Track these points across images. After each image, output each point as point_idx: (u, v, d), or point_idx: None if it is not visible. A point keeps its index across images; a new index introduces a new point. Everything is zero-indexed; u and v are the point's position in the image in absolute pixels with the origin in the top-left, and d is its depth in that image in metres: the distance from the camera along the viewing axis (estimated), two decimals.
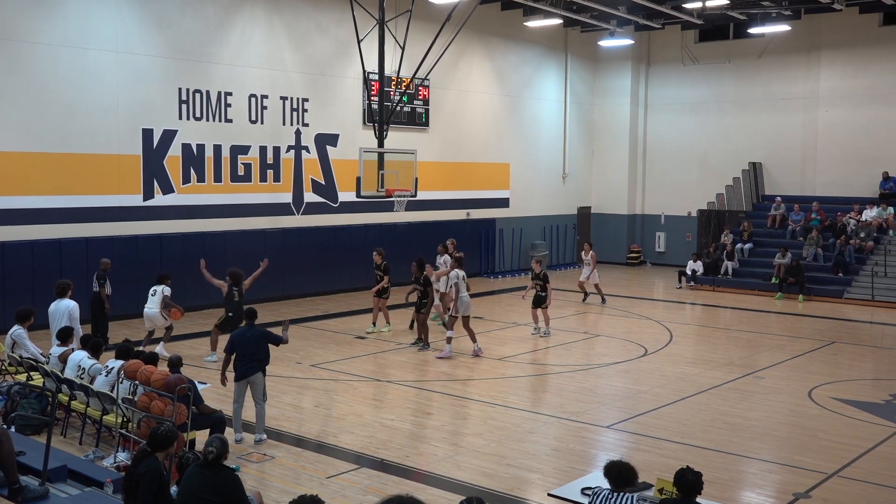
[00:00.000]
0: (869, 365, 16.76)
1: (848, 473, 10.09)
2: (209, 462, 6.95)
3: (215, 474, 6.91)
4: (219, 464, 6.96)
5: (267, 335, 11.09)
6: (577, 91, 31.85)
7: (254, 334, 10.98)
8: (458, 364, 15.56)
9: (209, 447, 7.02)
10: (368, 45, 20.60)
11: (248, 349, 10.88)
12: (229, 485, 6.91)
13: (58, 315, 12.61)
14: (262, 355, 10.97)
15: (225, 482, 6.90)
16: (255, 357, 10.90)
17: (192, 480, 6.93)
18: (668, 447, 10.96)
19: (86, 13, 18.46)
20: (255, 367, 10.90)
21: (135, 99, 19.35)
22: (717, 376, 14.81)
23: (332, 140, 23.56)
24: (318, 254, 23.07)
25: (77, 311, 12.76)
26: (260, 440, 10.82)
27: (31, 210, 17.87)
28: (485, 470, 10.00)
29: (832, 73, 28.28)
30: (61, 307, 12.72)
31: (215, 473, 6.91)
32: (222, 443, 7.06)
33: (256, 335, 10.98)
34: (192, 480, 6.93)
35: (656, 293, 25.87)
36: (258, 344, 10.93)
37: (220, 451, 6.96)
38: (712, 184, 30.06)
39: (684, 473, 6.65)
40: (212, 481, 6.86)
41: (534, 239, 29.84)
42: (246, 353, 10.88)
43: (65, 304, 12.75)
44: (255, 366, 10.90)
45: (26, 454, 8.43)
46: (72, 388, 10.81)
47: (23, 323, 12.35)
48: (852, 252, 24.80)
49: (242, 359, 10.91)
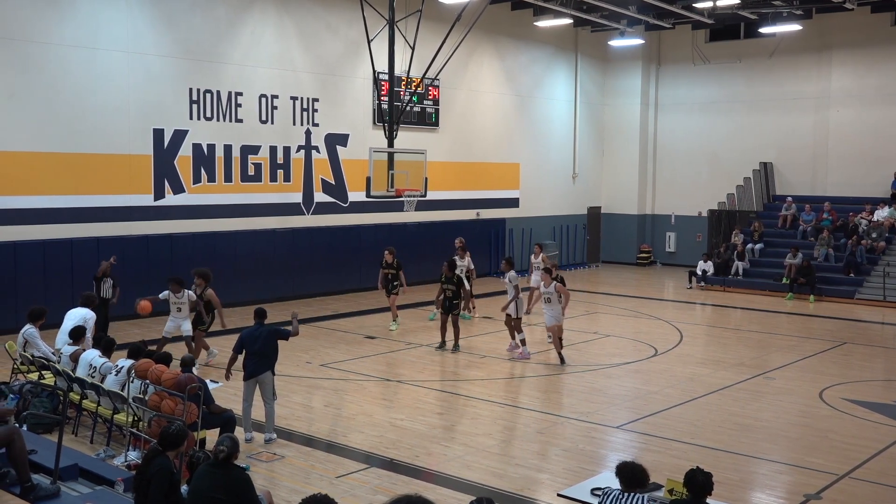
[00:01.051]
0: (880, 366, 16.69)
1: (859, 475, 10.05)
2: (220, 461, 6.97)
3: (226, 473, 6.92)
4: (229, 463, 6.97)
5: (276, 332, 11.14)
6: (587, 91, 31.80)
7: (262, 332, 11.02)
8: (468, 364, 15.56)
9: (220, 446, 7.03)
10: (378, 45, 20.61)
11: (257, 347, 10.92)
12: (240, 484, 6.92)
13: (75, 317, 12.59)
14: (270, 352, 11.02)
15: (236, 481, 6.91)
16: (264, 354, 10.95)
17: (202, 479, 6.95)
18: (678, 448, 10.93)
19: (97, 14, 18.53)
20: (264, 365, 10.93)
21: (145, 99, 19.41)
22: (728, 377, 14.77)
23: (343, 140, 23.58)
24: (328, 254, 23.11)
25: (93, 321, 12.75)
26: (270, 439, 10.85)
27: (42, 210, 17.95)
28: (494, 470, 10.00)
29: (843, 72, 28.16)
30: (80, 312, 12.72)
31: (226, 473, 6.92)
32: (233, 442, 7.08)
33: (265, 333, 11.02)
34: (203, 479, 6.94)
35: (666, 293, 25.82)
36: (267, 342, 10.98)
37: (230, 451, 6.98)
38: (723, 184, 29.97)
39: (694, 474, 6.64)
40: (222, 480, 6.87)
41: (543, 239, 29.78)
42: (254, 351, 10.92)
43: (84, 311, 12.79)
44: (264, 364, 10.93)
45: (38, 453, 8.47)
46: (83, 387, 10.85)
47: (35, 322, 12.41)
48: (864, 252, 24.68)
49: (251, 357, 10.95)
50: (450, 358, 16.06)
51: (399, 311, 19.22)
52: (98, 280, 15.66)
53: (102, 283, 15.62)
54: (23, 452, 7.79)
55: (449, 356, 16.17)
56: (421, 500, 3.73)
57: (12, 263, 17.42)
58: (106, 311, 15.44)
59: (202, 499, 6.81)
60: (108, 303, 15.64)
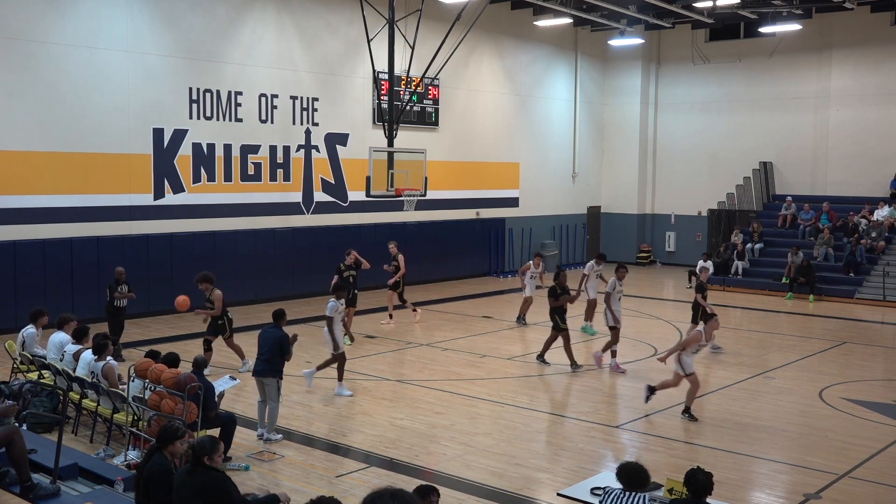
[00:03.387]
0: (880, 365, 16.69)
1: (858, 474, 10.06)
2: (194, 464, 6.70)
3: (201, 476, 6.66)
4: (203, 465, 6.67)
5: (282, 346, 10.92)
6: (586, 90, 31.80)
7: (271, 336, 10.97)
8: (467, 363, 15.56)
9: (192, 442, 6.86)
10: (378, 45, 20.62)
11: (264, 348, 10.93)
12: (214, 487, 6.64)
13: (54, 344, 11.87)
14: (273, 358, 10.88)
15: (209, 484, 6.62)
16: (267, 359, 10.89)
17: (181, 486, 6.69)
18: (678, 447, 10.94)
19: (97, 13, 18.53)
20: (266, 369, 10.87)
21: (145, 98, 19.41)
22: (728, 376, 14.77)
23: (342, 139, 23.58)
24: (327, 253, 23.05)
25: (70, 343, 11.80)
26: (268, 439, 10.83)
27: (42, 209, 17.95)
28: (494, 469, 10.00)
29: (843, 72, 28.17)
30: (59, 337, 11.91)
31: (201, 475, 6.66)
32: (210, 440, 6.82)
33: (274, 338, 10.94)
34: (181, 486, 6.69)
35: (666, 293, 25.82)
36: (272, 347, 10.89)
37: (198, 451, 6.65)
38: (723, 183, 29.99)
39: (695, 474, 6.64)
40: (197, 485, 6.61)
41: (543, 238, 29.81)
42: (262, 352, 10.94)
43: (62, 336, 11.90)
44: (266, 368, 10.88)
45: (38, 452, 8.48)
46: (83, 387, 10.85)
47: (35, 323, 12.39)
48: (863, 252, 24.69)
49: (259, 358, 10.98)
50: (450, 358, 16.06)
51: (397, 312, 19.20)
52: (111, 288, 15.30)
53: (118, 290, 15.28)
54: (23, 452, 7.79)
55: (450, 356, 16.16)
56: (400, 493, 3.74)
57: (12, 263, 17.42)
58: (120, 318, 15.34)
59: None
60: (122, 311, 15.47)
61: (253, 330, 18.32)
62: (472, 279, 26.72)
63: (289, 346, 10.98)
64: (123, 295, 15.33)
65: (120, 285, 15.34)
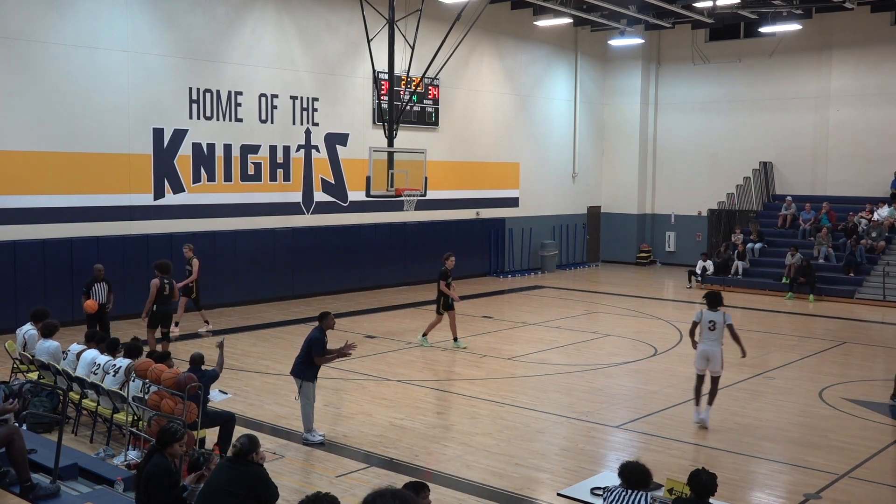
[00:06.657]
0: (880, 365, 16.67)
1: (859, 474, 10.05)
2: (236, 458, 7.06)
3: (242, 469, 7.00)
4: (245, 460, 7.05)
5: (310, 343, 10.92)
6: (587, 90, 31.80)
7: (309, 337, 11.00)
8: (467, 363, 15.56)
9: (236, 443, 7.17)
10: (378, 45, 20.62)
11: (302, 349, 10.99)
12: (255, 479, 7.01)
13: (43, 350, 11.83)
14: (304, 358, 10.90)
15: (250, 477, 7.00)
16: (301, 359, 10.94)
17: (219, 473, 7.05)
18: (678, 447, 10.94)
19: (97, 13, 18.53)
20: (298, 369, 10.93)
21: (145, 98, 19.41)
22: (728, 376, 14.71)
23: (342, 139, 23.58)
24: (327, 253, 23.11)
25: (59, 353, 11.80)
26: (306, 439, 10.88)
27: (42, 209, 17.95)
28: (494, 469, 9.99)
29: (843, 72, 28.17)
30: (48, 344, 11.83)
31: (242, 468, 7.00)
32: (248, 440, 7.16)
33: (307, 339, 11.00)
34: (220, 473, 7.04)
35: (666, 293, 25.82)
36: (304, 347, 10.95)
37: (242, 448, 7.07)
38: (723, 183, 29.99)
39: (699, 474, 6.64)
40: (238, 475, 6.95)
41: (543, 238, 29.81)
42: (301, 352, 10.99)
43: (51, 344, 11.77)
44: (298, 368, 10.93)
45: (38, 452, 8.49)
46: (83, 387, 10.85)
47: (36, 323, 12.35)
48: (864, 252, 24.69)
49: (298, 356, 11.04)
50: (450, 358, 16.06)
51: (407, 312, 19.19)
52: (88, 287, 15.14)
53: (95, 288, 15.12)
54: (23, 452, 7.80)
55: (450, 356, 16.16)
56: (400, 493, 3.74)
57: (12, 263, 17.41)
58: (104, 316, 15.17)
59: (218, 491, 6.90)
60: (105, 308, 15.26)
61: (253, 330, 18.40)
62: (472, 279, 26.71)
63: (317, 347, 10.93)
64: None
65: (98, 283, 15.20)
